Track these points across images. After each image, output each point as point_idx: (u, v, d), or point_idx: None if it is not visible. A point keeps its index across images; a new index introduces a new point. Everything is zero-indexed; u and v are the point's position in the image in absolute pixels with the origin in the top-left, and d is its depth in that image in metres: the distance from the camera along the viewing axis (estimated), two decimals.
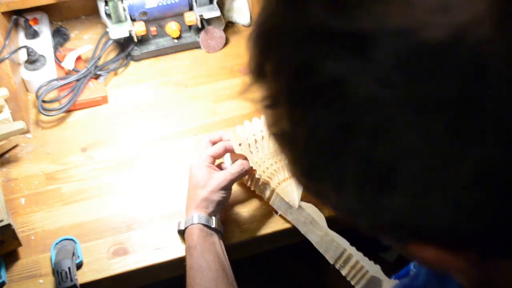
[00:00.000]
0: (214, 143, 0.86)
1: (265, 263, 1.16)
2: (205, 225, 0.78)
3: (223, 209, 0.82)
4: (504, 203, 0.29)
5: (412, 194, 0.30)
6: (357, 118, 0.29)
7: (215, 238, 0.78)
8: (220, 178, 0.80)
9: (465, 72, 0.27)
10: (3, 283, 0.79)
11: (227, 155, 0.88)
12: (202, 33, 1.12)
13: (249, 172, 0.83)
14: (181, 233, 0.82)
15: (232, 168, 0.81)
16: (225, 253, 0.78)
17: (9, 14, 1.04)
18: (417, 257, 0.35)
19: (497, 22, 0.26)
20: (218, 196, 0.79)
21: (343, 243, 0.78)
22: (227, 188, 0.80)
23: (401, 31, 0.27)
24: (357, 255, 0.77)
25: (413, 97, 0.27)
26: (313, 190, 0.36)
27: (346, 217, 0.36)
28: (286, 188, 0.83)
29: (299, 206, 0.81)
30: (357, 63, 0.28)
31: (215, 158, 0.85)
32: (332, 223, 0.81)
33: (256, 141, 0.85)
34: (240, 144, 0.84)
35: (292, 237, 0.90)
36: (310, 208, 0.82)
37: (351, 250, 0.77)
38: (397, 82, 0.27)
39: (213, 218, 0.79)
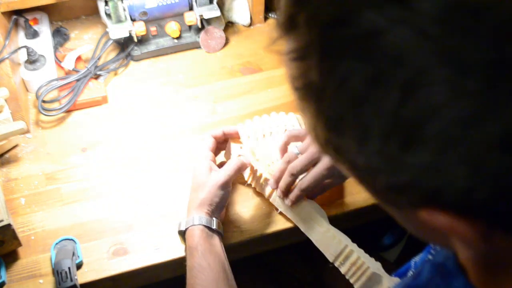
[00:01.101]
0: (216, 138, 0.87)
1: (265, 263, 1.16)
2: (206, 226, 0.78)
3: (223, 208, 0.82)
4: None
5: (436, 151, 0.30)
6: (390, 70, 0.29)
7: (216, 239, 0.78)
8: (217, 178, 0.80)
9: (503, 33, 0.27)
10: (3, 283, 0.79)
11: (228, 151, 0.88)
12: (202, 33, 1.12)
13: (246, 167, 0.83)
14: (182, 233, 0.82)
15: (228, 166, 0.81)
16: (225, 254, 0.78)
17: (9, 14, 1.04)
18: (426, 223, 0.34)
19: None
20: (217, 196, 0.79)
21: (345, 239, 0.78)
22: (225, 187, 0.80)
23: None
24: (358, 251, 0.77)
25: (449, 52, 0.28)
26: (333, 145, 0.36)
27: (363, 174, 0.36)
28: None
29: (301, 202, 0.81)
30: (398, 13, 0.28)
31: (215, 148, 0.85)
32: (333, 222, 0.81)
33: (264, 135, 0.86)
34: (248, 137, 0.84)
35: (292, 237, 0.90)
36: (312, 205, 0.82)
37: (353, 246, 0.77)
38: (436, 35, 0.27)
39: (214, 219, 0.79)
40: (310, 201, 0.82)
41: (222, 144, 0.90)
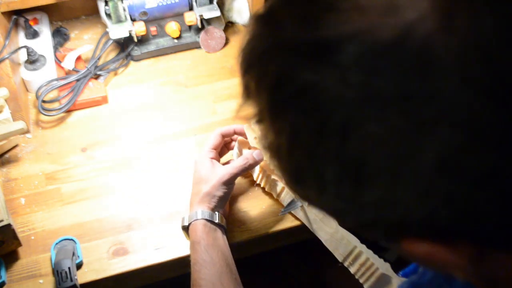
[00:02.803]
0: (224, 136, 0.87)
1: (265, 263, 1.16)
2: (208, 220, 0.78)
3: (226, 203, 0.82)
4: (470, 192, 0.30)
5: (384, 187, 0.31)
6: (327, 118, 0.31)
7: (219, 233, 0.79)
8: (222, 173, 0.80)
9: (411, 67, 0.28)
10: (3, 283, 0.79)
11: (236, 150, 0.88)
12: (202, 33, 1.12)
13: (254, 166, 0.83)
14: (185, 229, 0.82)
15: (235, 163, 0.81)
16: (228, 248, 0.78)
17: (9, 14, 1.04)
18: (411, 254, 0.35)
19: (440, 18, 0.28)
20: (220, 191, 0.79)
21: (354, 240, 0.78)
22: (229, 183, 0.80)
23: (356, 34, 0.29)
24: (367, 253, 0.77)
25: (370, 93, 0.29)
26: (302, 195, 0.39)
27: (334, 217, 0.39)
28: None
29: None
30: (324, 69, 0.30)
31: (221, 146, 0.86)
32: None
33: None
34: (255, 138, 0.84)
35: (292, 237, 0.90)
36: None
37: (362, 247, 0.77)
38: (356, 81, 0.30)
39: (216, 213, 0.79)
40: None
41: (229, 144, 0.90)
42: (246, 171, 0.83)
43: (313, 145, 0.33)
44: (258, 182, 0.88)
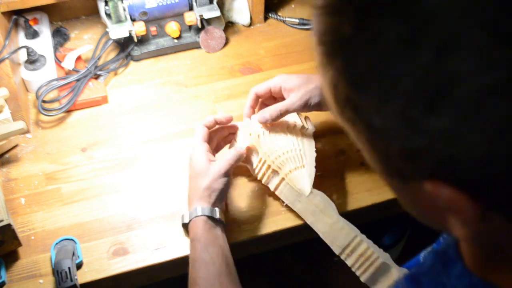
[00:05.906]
0: (208, 127, 0.86)
1: (265, 263, 1.16)
2: (209, 217, 0.77)
3: (224, 198, 0.82)
4: None
5: (459, 117, 0.30)
6: (428, 29, 0.29)
7: (219, 230, 0.78)
8: (219, 165, 0.80)
9: None
10: (3, 283, 0.79)
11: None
12: (202, 33, 1.12)
13: (245, 155, 0.83)
14: (185, 226, 0.81)
15: (228, 154, 0.81)
16: (228, 246, 0.78)
17: (9, 14, 1.04)
18: (426, 199, 0.34)
19: None
20: (219, 184, 0.79)
21: (354, 230, 0.78)
22: (227, 174, 0.80)
23: None
24: (368, 242, 0.77)
25: (487, 18, 0.28)
26: (352, 103, 0.35)
27: (377, 137, 0.35)
28: (297, 176, 0.82)
29: (311, 193, 0.81)
30: None
31: (208, 137, 0.85)
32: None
33: (264, 133, 0.85)
34: (250, 134, 0.84)
35: (292, 237, 0.90)
36: (320, 196, 0.81)
37: (362, 237, 0.78)
38: None
39: (217, 209, 0.78)
40: (319, 192, 0.82)
41: (214, 132, 0.88)
42: (240, 160, 0.82)
43: (400, 52, 0.31)
44: (256, 172, 0.87)
